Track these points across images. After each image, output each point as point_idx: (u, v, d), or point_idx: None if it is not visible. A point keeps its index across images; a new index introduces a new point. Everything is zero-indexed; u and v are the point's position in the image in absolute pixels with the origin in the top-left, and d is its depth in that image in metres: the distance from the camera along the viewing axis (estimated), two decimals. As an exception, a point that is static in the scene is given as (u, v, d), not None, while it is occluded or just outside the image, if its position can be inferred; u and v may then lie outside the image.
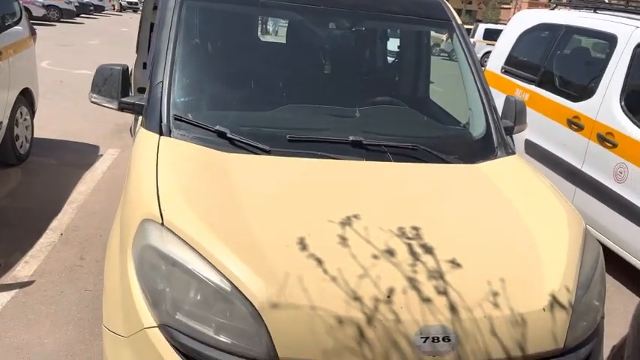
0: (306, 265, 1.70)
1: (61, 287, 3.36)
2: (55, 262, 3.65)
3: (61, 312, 3.12)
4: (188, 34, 2.69)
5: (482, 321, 1.66)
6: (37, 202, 4.56)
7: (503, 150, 2.69)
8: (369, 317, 1.60)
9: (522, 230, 2.07)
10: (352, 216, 1.95)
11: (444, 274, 1.76)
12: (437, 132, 2.89)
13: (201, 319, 1.64)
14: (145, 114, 2.44)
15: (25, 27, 5.58)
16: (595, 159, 4.29)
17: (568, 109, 4.68)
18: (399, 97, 3.13)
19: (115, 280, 1.89)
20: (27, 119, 5.49)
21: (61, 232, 4.09)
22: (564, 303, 1.80)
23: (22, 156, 5.37)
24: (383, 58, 3.81)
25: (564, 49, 5.38)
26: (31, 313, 3.09)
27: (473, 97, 2.90)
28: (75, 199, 4.70)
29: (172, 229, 1.76)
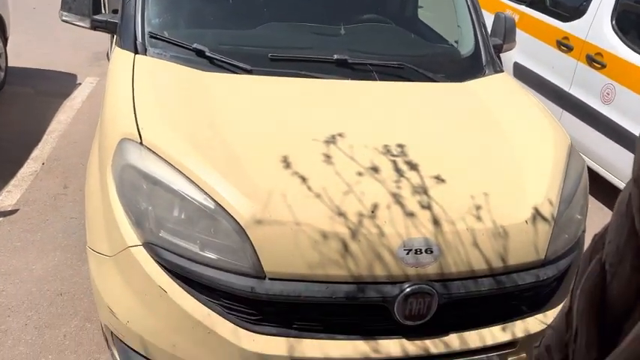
0: (290, 183, 1.70)
1: (45, 215, 3.35)
2: (38, 192, 3.62)
3: (48, 239, 3.12)
4: None
5: (465, 233, 1.69)
6: (16, 132, 4.45)
7: (491, 68, 2.65)
8: (353, 232, 1.61)
9: (508, 146, 2.07)
10: (337, 134, 1.93)
11: (428, 190, 1.76)
12: (424, 50, 2.82)
13: (185, 236, 1.65)
14: (118, 32, 2.35)
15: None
16: (583, 80, 4.25)
17: (558, 29, 4.58)
18: (386, 15, 3.02)
19: (97, 201, 1.88)
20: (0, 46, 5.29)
21: (42, 161, 4.03)
22: (547, 216, 1.82)
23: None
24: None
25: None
26: (17, 240, 3.09)
27: (462, 13, 2.82)
28: (55, 128, 4.60)
29: (151, 148, 1.74)
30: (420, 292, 1.63)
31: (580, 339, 0.62)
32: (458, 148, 2.03)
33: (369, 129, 2.04)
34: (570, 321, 0.63)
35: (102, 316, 1.86)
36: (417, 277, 1.64)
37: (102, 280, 1.82)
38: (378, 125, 2.09)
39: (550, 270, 1.84)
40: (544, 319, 1.85)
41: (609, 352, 0.58)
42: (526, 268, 1.79)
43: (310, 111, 2.11)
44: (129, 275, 1.72)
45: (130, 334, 1.71)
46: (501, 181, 1.91)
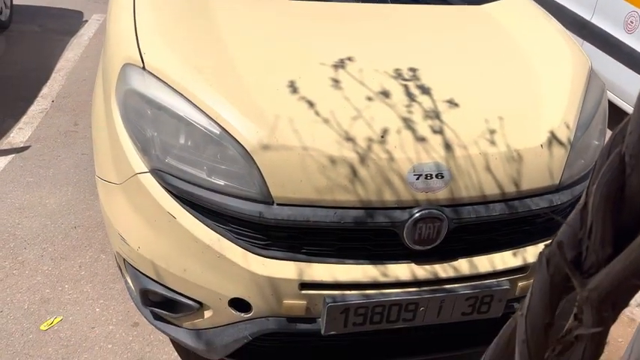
0: (298, 108, 1.65)
1: (57, 152, 3.36)
2: (49, 128, 3.62)
3: (60, 175, 3.14)
4: None
5: (477, 157, 1.65)
6: (24, 70, 4.42)
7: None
8: (361, 156, 1.58)
9: (525, 69, 2.00)
10: (346, 58, 1.86)
11: (440, 114, 1.71)
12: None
13: (192, 162, 1.63)
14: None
15: None
16: (606, 9, 4.07)
17: (581, -46, 4.36)
18: None
19: (103, 129, 1.86)
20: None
21: (52, 99, 4.01)
22: (563, 140, 1.76)
23: (4, 23, 5.12)
24: None
25: None
26: (29, 176, 3.11)
27: None
28: (63, 66, 4.56)
29: (154, 73, 1.69)
30: (429, 216, 1.61)
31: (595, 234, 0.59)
32: (473, 72, 1.95)
33: (379, 53, 1.97)
34: (585, 217, 0.60)
35: (114, 243, 1.87)
36: (426, 201, 1.61)
37: (112, 208, 1.82)
38: (389, 49, 2.01)
39: (564, 195, 1.80)
40: (555, 245, 1.83)
41: (624, 248, 0.56)
42: (540, 194, 1.75)
43: (318, 34, 2.03)
44: (138, 202, 1.71)
45: (141, 259, 1.73)
46: (517, 105, 1.84)
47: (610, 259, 0.57)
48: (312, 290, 1.62)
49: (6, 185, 3.01)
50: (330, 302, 1.60)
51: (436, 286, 1.69)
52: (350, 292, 1.64)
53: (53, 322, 2.23)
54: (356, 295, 1.64)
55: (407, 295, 1.66)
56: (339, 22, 2.14)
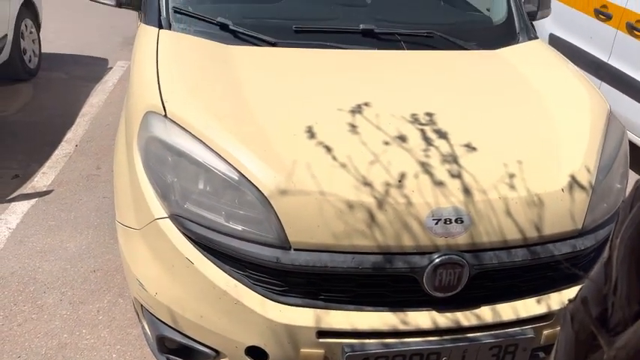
0: (315, 153, 1.66)
1: (79, 195, 3.41)
2: (72, 172, 3.68)
3: (81, 218, 3.18)
4: None
5: (497, 202, 1.63)
6: (50, 115, 4.54)
7: (525, 35, 2.55)
8: (379, 201, 1.57)
9: (542, 112, 1.99)
10: (363, 104, 1.88)
11: (458, 158, 1.70)
12: (454, 18, 2.73)
13: (210, 207, 1.64)
14: (143, 8, 2.35)
15: None
16: (623, 50, 4.07)
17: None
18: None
19: (124, 175, 1.88)
20: (33, 32, 5.37)
21: (76, 143, 4.10)
22: (584, 184, 1.74)
23: (32, 70, 5.29)
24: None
25: None
26: (51, 219, 3.15)
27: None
28: (87, 111, 4.67)
29: (176, 120, 1.72)
30: (449, 262, 1.58)
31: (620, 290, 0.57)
32: (490, 116, 1.96)
33: (396, 98, 1.98)
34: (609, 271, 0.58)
35: (132, 289, 1.87)
36: (446, 247, 1.59)
37: (131, 253, 1.83)
38: (405, 94, 2.03)
39: (588, 240, 1.76)
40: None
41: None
42: (562, 238, 1.72)
43: (335, 81, 2.06)
44: (156, 247, 1.72)
45: (159, 305, 1.72)
46: (536, 148, 1.83)
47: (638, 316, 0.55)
48: (330, 339, 1.60)
49: (28, 229, 3.05)
50: (348, 351, 1.57)
51: (458, 334, 1.65)
52: (369, 341, 1.61)
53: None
54: (375, 343, 1.60)
55: (428, 345, 1.62)
56: (356, 68, 2.17)
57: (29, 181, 3.54)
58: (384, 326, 1.60)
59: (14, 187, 3.46)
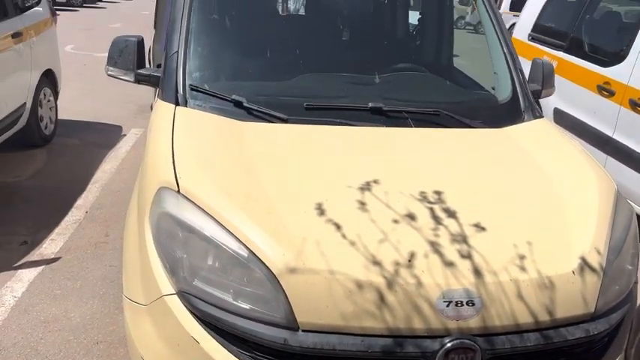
0: (324, 230, 1.66)
1: (86, 263, 3.41)
2: (80, 240, 3.70)
3: (87, 287, 3.16)
4: (204, 2, 2.64)
5: (509, 284, 1.60)
6: (62, 181, 4.62)
7: (530, 113, 2.59)
8: (389, 281, 1.55)
9: (550, 193, 2.00)
10: (372, 181, 1.90)
11: (467, 238, 1.70)
12: (460, 97, 2.79)
13: (219, 285, 1.62)
14: (161, 85, 2.42)
15: (46, 8, 5.61)
16: (627, 125, 4.14)
17: (598, 74, 4.52)
18: (421, 64, 3.04)
19: (134, 248, 1.88)
20: (51, 100, 5.55)
21: (86, 210, 4.14)
22: (595, 266, 1.72)
23: (47, 137, 5.43)
24: (403, 25, 3.70)
25: (593, 14, 5.17)
26: (57, 288, 3.14)
27: (498, 59, 2.80)
28: (99, 178, 4.75)
29: (188, 196, 1.74)
30: (461, 347, 1.54)
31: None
32: (498, 195, 1.96)
33: (404, 175, 2.00)
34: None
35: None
36: (458, 330, 1.55)
37: (136, 329, 1.80)
38: (414, 172, 2.05)
39: (601, 324, 1.72)
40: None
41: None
42: (575, 322, 1.68)
43: (345, 158, 2.09)
44: (162, 324, 1.69)
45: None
46: (545, 229, 1.82)
47: None
48: None
49: (33, 297, 3.03)
50: None
51: None
52: None
53: None
54: None
55: None
56: (365, 145, 2.20)
57: (37, 247, 3.56)
58: None
59: (22, 253, 3.47)
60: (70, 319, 2.88)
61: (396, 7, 3.70)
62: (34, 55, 5.02)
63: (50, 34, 5.59)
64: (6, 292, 3.05)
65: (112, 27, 16.28)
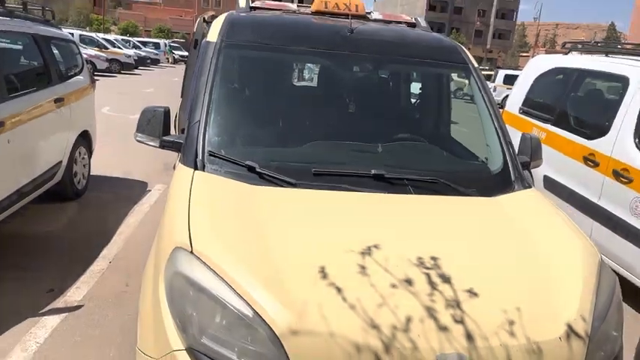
0: (326, 293, 1.64)
1: (106, 312, 3.36)
2: (102, 288, 3.67)
3: (105, 335, 3.10)
4: (224, 78, 2.72)
5: (499, 349, 1.56)
6: (90, 232, 4.63)
7: (520, 184, 2.59)
8: (386, 345, 1.52)
9: (538, 261, 1.96)
10: (372, 246, 1.88)
11: (461, 303, 1.67)
12: (456, 166, 2.81)
13: (225, 343, 1.59)
14: (182, 151, 2.46)
15: (86, 76, 5.80)
16: (611, 194, 4.12)
17: (583, 146, 4.54)
18: (420, 134, 3.07)
19: (148, 304, 1.86)
20: (85, 158, 5.65)
21: (109, 260, 4.12)
22: (580, 332, 1.67)
23: (79, 191, 5.49)
24: (405, 99, 3.78)
25: (578, 90, 5.26)
26: (78, 335, 3.08)
27: (490, 133, 2.83)
28: (123, 230, 4.76)
29: (200, 257, 1.73)
30: None
31: None
32: (489, 262, 1.94)
33: (403, 241, 1.99)
34: None
35: (145, 418, 1.77)
36: None
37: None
38: (412, 237, 2.03)
39: None
40: None
41: None
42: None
43: (347, 222, 2.08)
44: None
45: None
46: (533, 296, 1.78)
47: None
48: None
49: (55, 345, 2.97)
50: None
51: None
52: None
53: None
54: None
55: None
56: (367, 210, 2.20)
57: (62, 295, 3.52)
58: None
59: (48, 300, 3.44)
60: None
61: (399, 82, 3.79)
62: (72, 117, 5.16)
63: (89, 99, 5.77)
64: (30, 339, 3.00)
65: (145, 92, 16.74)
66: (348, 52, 2.92)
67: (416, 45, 3.14)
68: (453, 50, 3.13)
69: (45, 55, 4.85)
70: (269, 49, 2.89)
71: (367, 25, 3.21)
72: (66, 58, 5.39)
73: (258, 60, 2.99)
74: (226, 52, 2.76)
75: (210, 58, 2.71)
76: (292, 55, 3.13)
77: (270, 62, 3.08)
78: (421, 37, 3.26)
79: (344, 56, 2.95)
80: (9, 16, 4.42)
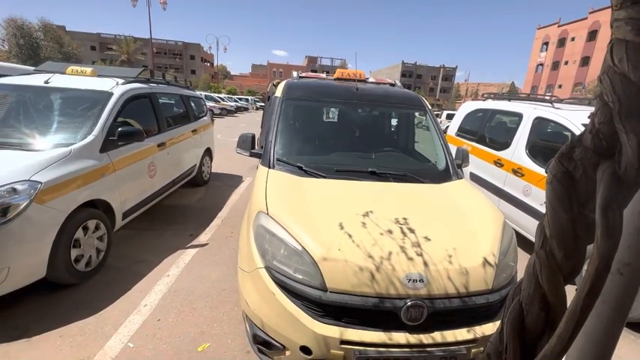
0: (342, 237, 1.65)
1: (220, 247, 3.43)
2: (219, 234, 3.74)
3: (221, 259, 3.17)
4: (284, 117, 2.73)
5: (443, 271, 1.54)
6: (210, 204, 4.71)
7: (456, 176, 2.53)
8: (377, 267, 1.52)
9: (466, 220, 1.92)
10: (369, 211, 1.88)
11: (420, 244, 1.65)
12: (418, 166, 2.75)
13: (286, 264, 1.62)
14: (262, 157, 2.49)
15: (209, 117, 5.89)
16: (511, 183, 3.96)
17: (494, 155, 4.37)
18: (397, 148, 3.03)
19: (244, 242, 1.90)
20: (208, 163, 5.75)
21: (222, 219, 4.19)
22: (491, 262, 1.64)
23: (205, 181, 5.58)
24: (389, 127, 3.72)
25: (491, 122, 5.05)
26: (206, 259, 3.16)
27: (438, 147, 2.77)
28: (229, 203, 4.81)
29: (272, 216, 1.76)
30: (416, 305, 1.48)
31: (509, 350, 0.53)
32: (437, 221, 1.90)
33: (386, 208, 1.96)
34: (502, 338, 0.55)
35: (242, 304, 1.82)
36: (414, 296, 1.50)
37: (243, 285, 1.80)
38: (391, 206, 2.01)
39: (495, 296, 1.62)
40: (493, 326, 1.61)
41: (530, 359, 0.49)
42: (480, 294, 1.59)
43: (355, 197, 2.07)
44: (256, 283, 1.69)
45: (254, 316, 1.66)
46: (463, 241, 1.74)
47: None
48: (347, 345, 1.48)
49: (193, 264, 3.06)
50: (357, 354, 1.45)
51: (420, 348, 1.50)
52: (370, 349, 1.48)
53: (205, 347, 2.13)
54: (373, 350, 1.48)
55: (403, 353, 1.48)
56: (366, 191, 2.17)
57: (197, 238, 3.61)
58: (379, 340, 1.48)
59: (189, 240, 3.53)
60: (210, 276, 2.89)
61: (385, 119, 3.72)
62: (202, 140, 5.26)
63: (210, 130, 5.85)
64: (179, 261, 3.10)
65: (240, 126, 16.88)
66: (355, 101, 2.90)
67: (395, 96, 3.09)
68: (417, 99, 3.07)
69: (187, 105, 4.96)
70: (310, 100, 2.90)
71: (366, 85, 3.18)
72: (198, 107, 5.50)
73: (304, 107, 2.99)
74: (286, 102, 2.78)
75: (277, 106, 2.74)
76: (323, 103, 3.12)
77: (310, 108, 3.08)
78: (398, 92, 3.21)
79: (353, 104, 2.92)
80: (168, 84, 4.55)
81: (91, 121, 2.93)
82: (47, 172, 2.35)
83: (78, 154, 2.64)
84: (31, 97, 3.11)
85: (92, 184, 2.69)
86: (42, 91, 3.14)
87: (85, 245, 2.64)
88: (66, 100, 3.13)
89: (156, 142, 3.76)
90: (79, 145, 2.69)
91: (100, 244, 2.82)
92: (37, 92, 3.14)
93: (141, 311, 2.40)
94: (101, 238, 2.84)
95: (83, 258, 2.65)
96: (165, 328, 2.26)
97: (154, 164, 3.68)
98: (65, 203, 2.42)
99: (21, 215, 2.12)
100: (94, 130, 2.86)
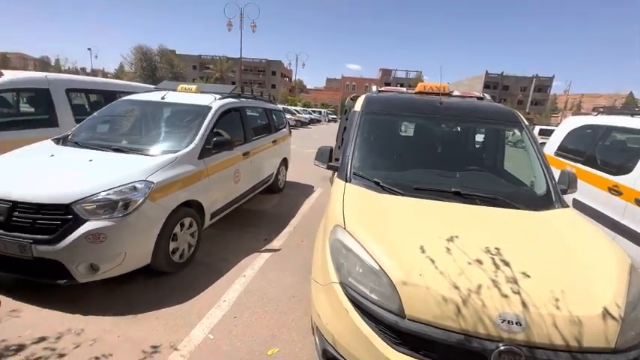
0: (424, 262, 1.53)
1: (292, 253, 3.51)
2: (290, 241, 3.84)
3: (290, 266, 3.24)
4: (362, 132, 2.71)
5: (546, 317, 1.31)
6: (285, 211, 4.87)
7: (559, 204, 2.17)
8: (464, 300, 1.37)
9: (577, 258, 1.61)
10: (454, 236, 1.72)
11: (517, 281, 1.44)
12: (510, 189, 2.44)
13: (361, 283, 1.57)
14: (339, 171, 2.50)
15: (287, 128, 6.22)
16: (633, 215, 3.23)
17: (609, 180, 3.64)
18: (484, 167, 2.75)
19: (319, 254, 1.91)
20: (284, 172, 6.02)
21: (294, 226, 4.29)
22: (615, 314, 1.33)
23: (280, 189, 5.82)
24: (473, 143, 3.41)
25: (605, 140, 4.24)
26: (278, 264, 3.27)
27: (537, 169, 2.42)
28: (301, 211, 4.93)
29: (349, 232, 1.74)
30: (511, 351, 1.28)
31: None
32: (538, 255, 1.64)
33: (474, 235, 1.77)
34: None
35: (313, 316, 1.82)
36: (509, 340, 1.30)
37: (316, 297, 1.80)
38: (480, 233, 1.81)
39: (620, 358, 1.30)
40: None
41: None
42: (599, 352, 1.30)
43: (437, 219, 1.93)
44: (330, 297, 1.67)
45: (326, 331, 1.64)
46: (574, 283, 1.46)
47: None
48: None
49: (267, 267, 3.18)
50: None
51: None
52: None
53: (274, 351, 2.18)
54: None
55: None
56: (450, 213, 2.01)
57: (270, 243, 3.76)
58: None
59: (263, 245, 3.69)
60: (281, 281, 2.96)
61: (469, 133, 3.44)
62: (280, 150, 5.54)
63: (288, 141, 6.14)
64: (254, 264, 3.25)
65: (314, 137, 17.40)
66: (438, 115, 2.74)
67: (485, 111, 2.82)
68: (512, 115, 2.75)
69: (269, 118, 5.33)
70: (390, 114, 2.84)
71: (451, 99, 2.98)
72: (278, 119, 5.84)
73: (384, 121, 2.94)
74: (365, 116, 2.76)
75: (356, 120, 2.74)
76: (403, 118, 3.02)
77: (389, 122, 3.01)
78: (488, 106, 2.93)
79: (436, 119, 2.76)
80: (255, 99, 4.97)
81: (193, 131, 3.35)
82: (158, 174, 2.75)
83: (182, 159, 3.03)
84: (151, 110, 3.73)
85: (190, 187, 3.06)
86: (159, 106, 3.74)
87: (180, 239, 2.99)
88: (175, 113, 3.67)
89: (242, 151, 4.09)
90: (183, 151, 3.10)
91: (191, 239, 3.17)
92: (155, 106, 3.74)
93: (220, 306, 2.59)
94: (193, 235, 3.18)
95: (178, 250, 3.00)
96: (240, 325, 2.38)
97: (238, 171, 4.00)
98: (170, 201, 2.79)
99: (138, 210, 2.51)
100: (195, 139, 3.26)
